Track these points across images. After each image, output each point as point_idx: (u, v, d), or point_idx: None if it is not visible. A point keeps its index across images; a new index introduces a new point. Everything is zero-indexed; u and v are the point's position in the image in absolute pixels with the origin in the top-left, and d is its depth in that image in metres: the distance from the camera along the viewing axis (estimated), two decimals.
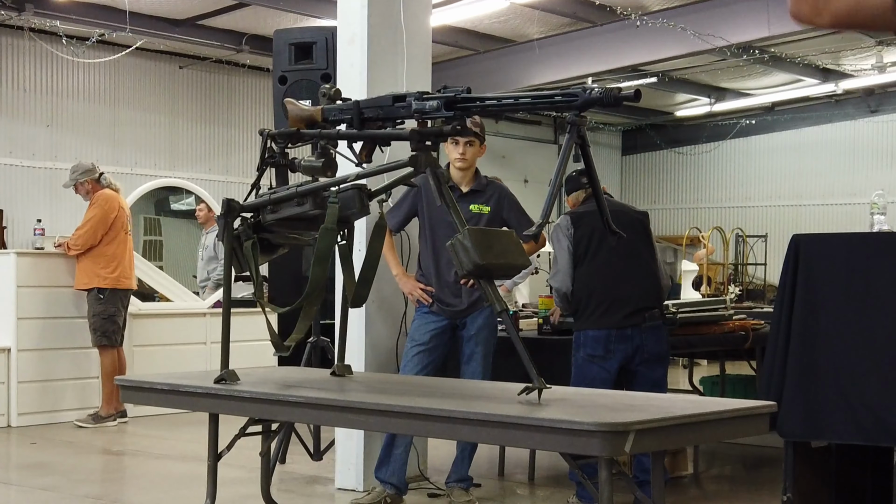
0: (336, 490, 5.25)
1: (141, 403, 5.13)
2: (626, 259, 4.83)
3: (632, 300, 4.78)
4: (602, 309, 4.76)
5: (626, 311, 4.76)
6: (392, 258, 4.95)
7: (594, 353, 4.75)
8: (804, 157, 16.31)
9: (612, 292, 4.78)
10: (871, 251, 4.01)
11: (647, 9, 10.85)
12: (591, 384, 4.67)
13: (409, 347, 4.88)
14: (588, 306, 4.79)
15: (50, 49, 11.26)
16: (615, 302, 4.76)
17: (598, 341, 4.74)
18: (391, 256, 4.93)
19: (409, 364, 4.83)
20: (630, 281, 4.82)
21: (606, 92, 2.85)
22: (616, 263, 4.81)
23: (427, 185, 4.46)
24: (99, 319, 7.30)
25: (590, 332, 4.76)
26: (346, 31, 5.28)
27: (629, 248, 4.80)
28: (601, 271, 4.80)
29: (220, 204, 3.63)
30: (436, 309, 4.87)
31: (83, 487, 5.42)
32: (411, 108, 3.19)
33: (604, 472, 2.64)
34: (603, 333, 4.74)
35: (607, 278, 4.80)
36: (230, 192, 11.27)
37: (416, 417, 2.93)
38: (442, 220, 4.74)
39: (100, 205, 7.40)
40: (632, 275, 4.84)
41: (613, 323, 4.75)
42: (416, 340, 4.86)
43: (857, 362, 3.90)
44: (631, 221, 4.94)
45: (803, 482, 4.13)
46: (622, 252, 4.78)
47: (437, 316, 4.87)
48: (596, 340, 4.74)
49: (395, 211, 4.88)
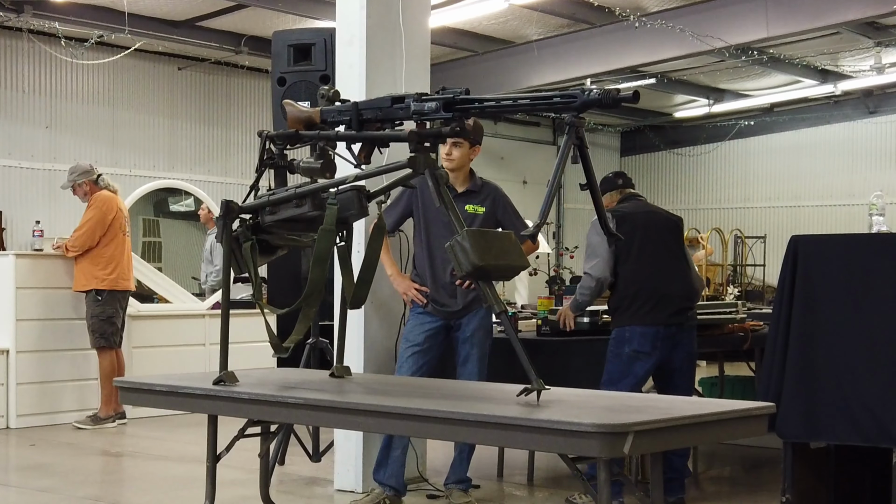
0: (335, 491, 5.25)
1: (140, 405, 5.14)
2: (670, 259, 4.94)
3: (676, 299, 4.87)
4: (650, 306, 4.81)
5: (672, 310, 4.83)
6: (387, 258, 4.94)
7: (641, 349, 4.78)
8: (803, 158, 16.32)
9: (659, 290, 4.84)
10: (869, 252, 4.01)
11: (646, 10, 10.86)
12: (635, 380, 4.74)
13: (403, 348, 4.89)
14: (635, 302, 4.82)
15: (49, 50, 11.26)
16: (662, 299, 4.83)
17: (645, 337, 4.78)
18: (386, 257, 4.92)
19: (404, 365, 4.83)
20: (674, 280, 4.91)
21: (605, 93, 2.85)
22: (661, 262, 4.91)
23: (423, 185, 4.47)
24: (97, 321, 7.30)
25: (637, 328, 4.79)
26: (344, 33, 5.28)
27: (671, 248, 4.94)
28: (648, 269, 4.87)
29: (218, 205, 3.63)
30: (430, 310, 4.87)
31: (82, 489, 5.42)
32: (410, 110, 3.19)
33: (602, 473, 2.64)
34: (651, 330, 4.79)
35: (654, 276, 4.87)
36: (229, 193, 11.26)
37: (415, 419, 2.93)
38: (437, 221, 4.75)
39: (98, 206, 7.40)
40: (675, 274, 4.93)
41: (661, 320, 4.80)
42: (410, 341, 4.86)
43: (855, 363, 3.90)
44: (666, 223, 5.06)
45: (802, 483, 4.13)
46: (666, 252, 4.91)
47: (431, 317, 4.87)
48: (644, 336, 4.78)
49: (390, 211, 4.88)
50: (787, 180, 16.46)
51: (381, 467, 4.81)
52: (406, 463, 4.90)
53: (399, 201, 4.92)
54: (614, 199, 5.10)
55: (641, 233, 4.88)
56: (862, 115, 15.63)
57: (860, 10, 10.16)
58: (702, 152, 17.32)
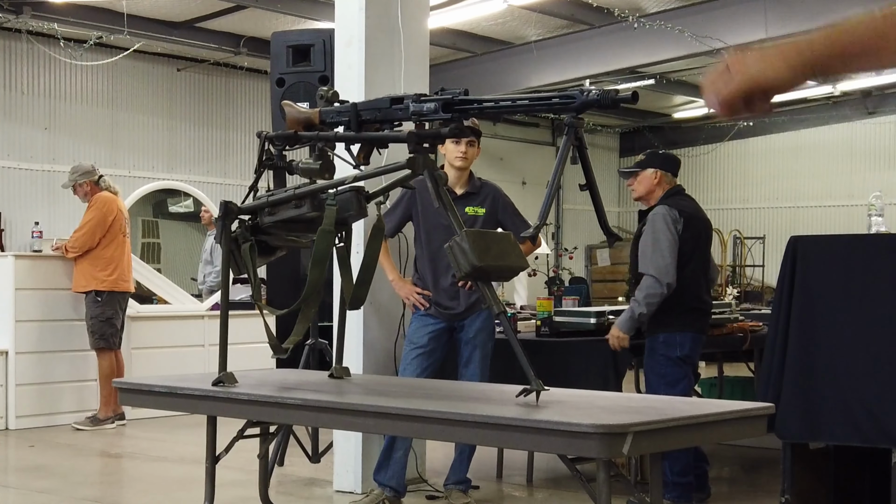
0: (334, 492, 5.25)
1: (139, 406, 5.14)
2: (708, 266, 4.94)
3: (709, 308, 4.91)
4: (700, 313, 4.82)
5: (707, 319, 4.89)
6: (387, 263, 4.94)
7: (693, 355, 4.79)
8: (802, 159, 16.32)
9: (703, 298, 4.85)
10: (868, 253, 4.02)
11: (645, 11, 10.86)
12: (685, 386, 4.73)
13: (407, 350, 4.88)
14: (687, 309, 4.76)
15: (48, 52, 11.26)
16: (705, 308, 4.86)
17: (697, 344, 4.78)
18: (386, 261, 4.91)
19: (408, 367, 4.82)
20: (708, 289, 4.96)
21: (604, 94, 2.85)
22: (706, 269, 4.89)
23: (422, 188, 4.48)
24: (97, 322, 7.30)
25: (689, 335, 4.75)
26: (343, 34, 5.28)
27: (709, 255, 4.87)
28: (699, 276, 4.83)
29: (217, 206, 3.64)
30: (433, 312, 4.87)
31: (81, 490, 5.42)
32: (409, 111, 3.19)
33: (601, 473, 2.64)
34: (701, 338, 4.80)
35: (702, 284, 4.85)
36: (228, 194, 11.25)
37: (414, 419, 2.92)
38: (437, 224, 4.74)
39: (98, 207, 7.41)
40: (709, 283, 4.97)
41: (706, 329, 4.85)
42: (414, 343, 4.86)
43: (855, 364, 3.90)
44: (707, 228, 4.95)
45: (801, 484, 4.13)
46: (707, 260, 4.84)
47: (434, 318, 4.87)
48: (696, 343, 4.78)
49: (389, 216, 4.86)
50: (786, 181, 16.46)
51: (382, 468, 4.81)
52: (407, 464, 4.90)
53: (398, 205, 4.91)
54: (668, 185, 4.87)
55: (704, 238, 4.80)
56: (861, 116, 15.63)
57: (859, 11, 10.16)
58: (701, 153, 17.32)
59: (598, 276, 16.55)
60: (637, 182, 4.88)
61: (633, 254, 4.88)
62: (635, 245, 4.86)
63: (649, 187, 4.85)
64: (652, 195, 4.86)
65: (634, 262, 4.85)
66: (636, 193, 4.89)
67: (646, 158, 4.92)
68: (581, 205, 16.67)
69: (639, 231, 4.87)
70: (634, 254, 4.86)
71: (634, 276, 4.86)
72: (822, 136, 16.06)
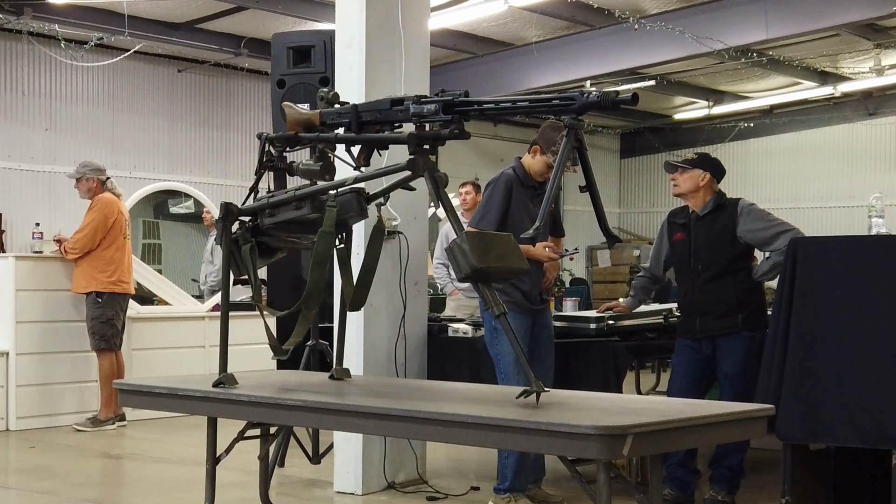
0: (335, 493, 5.25)
1: (140, 407, 5.14)
2: None
3: None
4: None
5: None
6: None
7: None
8: (802, 160, 16.32)
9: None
10: (868, 254, 4.02)
11: (645, 12, 10.86)
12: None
13: (510, 358, 4.68)
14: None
15: (48, 53, 11.26)
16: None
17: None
18: None
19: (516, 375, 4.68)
20: None
21: (604, 95, 2.86)
22: None
23: (515, 181, 4.50)
24: (97, 323, 7.30)
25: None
26: (344, 35, 5.28)
27: None
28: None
29: (218, 207, 3.64)
30: (520, 309, 4.74)
31: (82, 491, 5.42)
32: (409, 112, 3.20)
33: (602, 474, 2.64)
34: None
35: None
36: (228, 195, 11.25)
37: (415, 421, 2.93)
38: (524, 216, 4.65)
39: (99, 208, 7.41)
40: None
41: None
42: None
43: (855, 365, 3.91)
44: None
45: (802, 485, 4.13)
46: None
47: (520, 315, 4.73)
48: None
49: (494, 209, 4.69)
50: (786, 182, 16.45)
51: (517, 476, 4.79)
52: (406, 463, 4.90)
53: (496, 196, 4.71)
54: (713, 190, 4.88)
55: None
56: (861, 117, 15.62)
57: (859, 12, 10.16)
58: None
59: (598, 277, 16.56)
60: (683, 179, 4.88)
61: (706, 239, 4.82)
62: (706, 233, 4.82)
63: (694, 187, 4.86)
64: (695, 195, 4.88)
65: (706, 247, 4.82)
66: (679, 189, 4.90)
67: (698, 158, 4.93)
68: (581, 206, 16.66)
69: (711, 221, 4.84)
70: (708, 239, 4.81)
71: (706, 261, 4.80)
72: (822, 138, 16.05)
